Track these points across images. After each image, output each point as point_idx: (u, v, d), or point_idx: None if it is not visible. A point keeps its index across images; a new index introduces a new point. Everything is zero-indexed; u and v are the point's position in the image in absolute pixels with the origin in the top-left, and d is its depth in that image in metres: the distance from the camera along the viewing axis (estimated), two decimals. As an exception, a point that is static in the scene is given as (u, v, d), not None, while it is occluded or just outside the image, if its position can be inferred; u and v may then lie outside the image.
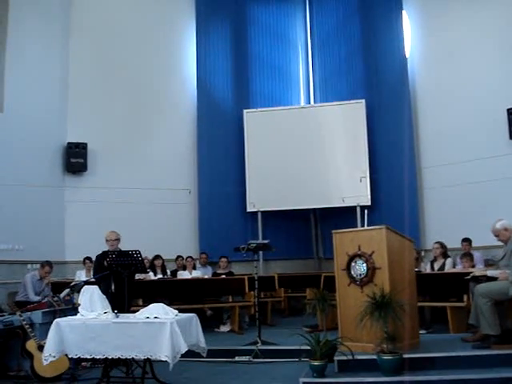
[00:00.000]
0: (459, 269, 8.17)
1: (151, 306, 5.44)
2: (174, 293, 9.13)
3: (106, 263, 6.57)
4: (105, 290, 6.17)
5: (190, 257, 10.63)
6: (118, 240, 7.16)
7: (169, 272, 10.25)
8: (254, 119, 12.60)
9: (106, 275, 6.54)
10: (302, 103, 13.60)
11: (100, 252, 6.97)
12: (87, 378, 6.04)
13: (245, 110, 12.65)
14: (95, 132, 11.58)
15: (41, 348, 5.77)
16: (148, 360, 5.36)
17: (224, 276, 10.07)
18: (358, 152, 11.95)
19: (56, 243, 10.83)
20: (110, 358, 5.22)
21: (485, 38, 10.57)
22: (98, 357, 5.19)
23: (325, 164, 12.21)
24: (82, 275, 9.84)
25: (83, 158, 11.30)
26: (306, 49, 13.92)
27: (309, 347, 5.38)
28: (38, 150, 10.62)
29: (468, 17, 10.91)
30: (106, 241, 7.14)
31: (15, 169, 9.83)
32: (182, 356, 5.06)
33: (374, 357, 5.18)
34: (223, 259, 10.44)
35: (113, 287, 6.37)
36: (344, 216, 11.81)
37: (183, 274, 10.14)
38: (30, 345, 6.10)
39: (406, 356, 5.20)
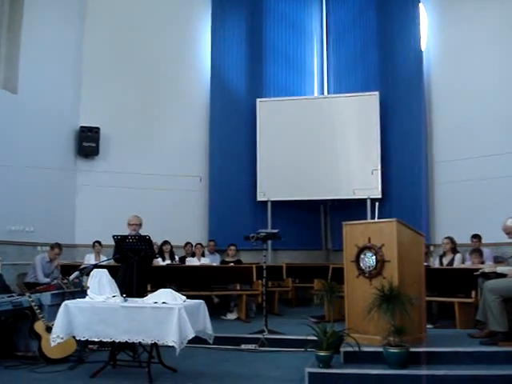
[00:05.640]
0: (468, 265, 8.14)
1: (160, 291, 5.47)
2: (182, 279, 9.18)
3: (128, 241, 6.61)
4: (124, 274, 6.28)
5: (200, 244, 10.67)
6: (140, 225, 7.24)
7: (177, 258, 10.30)
8: (266, 108, 12.56)
9: (127, 259, 6.52)
10: (316, 94, 13.53)
11: (116, 234, 6.94)
12: (94, 360, 6.05)
13: (258, 99, 12.62)
14: (108, 117, 11.60)
15: (49, 329, 5.82)
16: (155, 345, 5.39)
17: (232, 264, 10.11)
18: (370, 144, 11.90)
19: (66, 226, 10.90)
20: (117, 341, 5.26)
21: (502, 32, 10.46)
22: (105, 340, 5.25)
23: (336, 155, 12.16)
24: (91, 258, 9.92)
25: (95, 143, 11.34)
26: (321, 39, 13.83)
27: (315, 338, 5.38)
28: (51, 132, 10.65)
29: (485, 10, 10.78)
30: (129, 225, 7.21)
31: (27, 151, 9.84)
32: (189, 342, 5.08)
33: (381, 349, 5.17)
34: (232, 247, 10.46)
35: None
36: (354, 208, 11.82)
37: (192, 261, 10.18)
38: (38, 326, 6.14)
39: (412, 350, 5.18)
